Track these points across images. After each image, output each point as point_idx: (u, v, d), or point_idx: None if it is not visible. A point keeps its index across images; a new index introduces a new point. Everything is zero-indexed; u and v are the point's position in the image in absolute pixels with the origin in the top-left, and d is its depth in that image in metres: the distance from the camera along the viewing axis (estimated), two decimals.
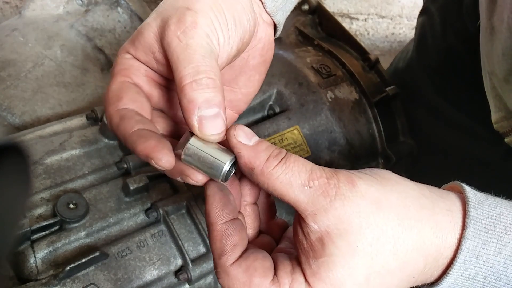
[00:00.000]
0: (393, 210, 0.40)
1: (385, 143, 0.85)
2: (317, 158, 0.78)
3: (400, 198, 0.40)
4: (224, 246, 0.41)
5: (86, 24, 0.89)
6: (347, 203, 0.39)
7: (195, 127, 0.40)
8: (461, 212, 0.41)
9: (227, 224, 0.42)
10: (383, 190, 0.40)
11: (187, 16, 0.42)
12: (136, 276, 0.62)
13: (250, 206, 0.46)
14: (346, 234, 0.39)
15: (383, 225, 0.39)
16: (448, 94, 0.87)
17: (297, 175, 0.39)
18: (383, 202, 0.40)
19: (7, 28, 0.88)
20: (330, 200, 0.39)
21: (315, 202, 0.39)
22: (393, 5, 1.88)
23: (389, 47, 1.84)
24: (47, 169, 0.66)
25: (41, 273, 0.59)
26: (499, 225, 0.40)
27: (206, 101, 0.40)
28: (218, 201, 0.42)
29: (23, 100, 0.79)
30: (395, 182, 0.42)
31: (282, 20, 0.54)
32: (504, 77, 0.63)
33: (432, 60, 0.91)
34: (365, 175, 0.41)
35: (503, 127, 0.67)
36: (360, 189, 0.40)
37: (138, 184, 0.66)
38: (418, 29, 0.95)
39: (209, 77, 0.41)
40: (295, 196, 0.40)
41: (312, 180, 0.39)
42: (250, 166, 0.41)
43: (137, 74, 0.45)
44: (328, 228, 0.39)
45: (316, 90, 0.82)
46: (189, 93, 0.40)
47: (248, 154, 0.41)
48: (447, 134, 0.88)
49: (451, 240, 0.41)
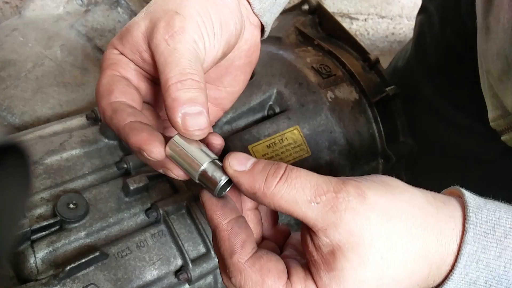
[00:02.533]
0: (402, 220, 0.40)
1: (385, 143, 0.85)
2: (317, 158, 0.78)
3: (408, 207, 0.40)
4: (234, 245, 0.41)
5: (86, 24, 0.89)
6: (358, 217, 0.39)
7: (179, 123, 0.41)
8: (461, 217, 0.41)
9: (231, 222, 0.42)
10: (392, 200, 0.40)
11: (176, 21, 0.44)
12: (136, 276, 0.62)
13: (252, 212, 0.46)
14: (357, 247, 0.39)
15: (393, 236, 0.39)
16: (447, 92, 0.88)
17: (302, 191, 0.39)
18: (393, 213, 0.40)
19: (7, 28, 0.88)
20: (340, 215, 0.39)
21: (324, 217, 0.39)
22: (393, 5, 1.88)
23: (389, 47, 1.84)
24: (47, 169, 0.66)
25: (41, 273, 0.59)
26: (498, 229, 0.40)
27: (190, 100, 0.41)
28: (216, 203, 0.42)
29: (23, 100, 0.79)
30: (402, 190, 0.41)
31: (269, 21, 0.55)
32: (498, 76, 0.63)
33: (430, 59, 0.91)
34: (374, 184, 0.41)
35: (499, 125, 0.68)
36: (370, 201, 0.39)
37: (138, 184, 0.66)
38: (417, 27, 0.96)
39: (193, 79, 0.42)
40: (302, 213, 0.39)
41: (319, 196, 0.39)
42: (252, 192, 0.41)
43: (126, 68, 0.47)
44: (340, 242, 0.39)
45: (316, 90, 0.82)
46: (174, 92, 0.41)
47: (247, 180, 0.41)
48: (445, 132, 0.88)
49: (453, 246, 0.41)
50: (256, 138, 0.76)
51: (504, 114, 0.66)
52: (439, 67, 0.89)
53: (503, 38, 0.61)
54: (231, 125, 0.78)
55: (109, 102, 0.44)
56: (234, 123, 0.78)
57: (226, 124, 0.77)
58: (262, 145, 0.76)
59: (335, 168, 0.80)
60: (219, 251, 0.42)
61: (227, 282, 0.43)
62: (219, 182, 0.42)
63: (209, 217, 0.43)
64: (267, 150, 0.76)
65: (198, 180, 0.43)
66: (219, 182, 0.42)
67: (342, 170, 0.80)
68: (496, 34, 0.63)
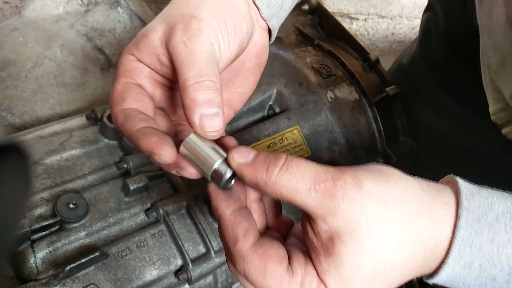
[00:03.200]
0: (397, 207, 0.41)
1: (385, 143, 0.85)
2: (317, 158, 0.78)
3: (403, 195, 0.42)
4: (236, 233, 0.43)
5: (86, 24, 0.89)
6: (355, 204, 0.40)
7: (196, 123, 0.43)
8: (455, 204, 0.43)
9: (235, 213, 0.44)
10: (387, 187, 0.42)
11: (193, 24, 0.46)
12: (136, 276, 0.62)
13: (256, 203, 0.48)
14: (354, 233, 0.40)
15: (389, 223, 0.41)
16: (450, 87, 0.88)
17: (301, 180, 0.41)
18: (388, 200, 0.41)
19: (7, 28, 0.88)
20: (337, 202, 0.40)
21: (323, 205, 0.40)
22: (393, 5, 1.88)
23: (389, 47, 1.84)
24: (47, 169, 0.66)
25: (41, 273, 0.59)
26: (490, 214, 0.42)
27: (207, 101, 0.43)
28: (221, 194, 0.45)
29: (23, 100, 0.79)
30: (398, 178, 0.43)
31: (276, 26, 0.58)
32: (497, 69, 0.65)
33: (434, 54, 0.91)
34: (370, 172, 0.42)
35: (500, 118, 0.69)
36: (366, 189, 0.41)
37: (138, 184, 0.66)
38: (423, 25, 0.96)
39: (210, 80, 0.44)
40: (302, 201, 0.41)
41: (318, 184, 0.40)
42: (254, 182, 0.42)
43: (140, 76, 0.48)
44: (338, 228, 0.40)
45: (316, 90, 0.82)
46: (192, 93, 0.43)
47: (249, 171, 0.43)
48: (448, 127, 0.89)
49: (447, 232, 0.42)
50: (256, 138, 0.76)
51: (504, 107, 0.67)
52: (443, 62, 0.90)
53: (497, 32, 0.63)
54: (231, 125, 0.78)
55: (122, 109, 0.46)
56: (234, 123, 0.78)
57: (226, 124, 0.78)
58: (262, 145, 0.76)
59: None
60: (224, 239, 0.44)
61: (233, 270, 0.45)
62: (224, 175, 0.44)
63: (214, 207, 0.45)
64: (267, 150, 0.76)
65: (210, 178, 0.45)
66: (224, 175, 0.44)
67: None
68: (489, 29, 0.65)
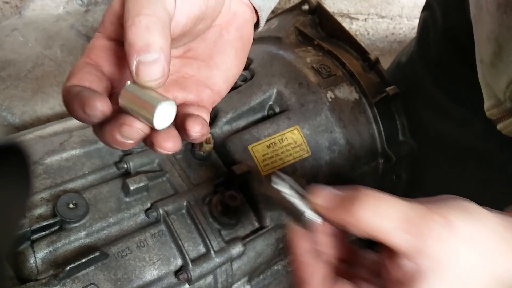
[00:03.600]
0: (484, 247, 0.41)
1: (385, 143, 0.85)
2: (317, 158, 0.79)
3: (491, 235, 0.42)
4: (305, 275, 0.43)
5: (86, 24, 0.89)
6: (446, 246, 0.40)
7: (133, 72, 0.40)
8: None
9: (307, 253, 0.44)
10: (476, 226, 0.41)
11: None
12: (136, 276, 0.62)
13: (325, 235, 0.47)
14: (441, 273, 0.40)
15: (476, 263, 0.40)
16: (446, 85, 0.88)
17: (388, 219, 0.40)
18: (477, 241, 0.41)
19: (7, 28, 0.88)
20: (427, 243, 0.39)
21: (412, 245, 0.40)
22: (393, 5, 1.88)
23: (389, 47, 1.84)
24: (47, 169, 0.66)
25: (41, 273, 0.59)
26: None
27: (145, 46, 0.39)
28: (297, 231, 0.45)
29: (23, 100, 0.79)
30: (480, 213, 0.43)
31: (262, 6, 0.54)
32: (491, 61, 0.64)
33: (432, 52, 0.91)
34: (457, 210, 0.42)
35: (493, 114, 0.69)
36: (456, 230, 0.40)
37: (138, 184, 0.66)
38: (420, 24, 0.97)
39: (150, 20, 0.39)
40: (387, 240, 0.40)
41: (406, 224, 0.40)
42: (338, 224, 0.42)
43: (98, 54, 0.44)
44: (425, 267, 0.40)
45: (316, 90, 0.82)
46: (129, 36, 0.39)
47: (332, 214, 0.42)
48: (445, 125, 0.89)
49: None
50: (256, 138, 0.76)
51: (497, 103, 0.67)
52: (441, 60, 0.90)
53: (490, 21, 0.62)
54: (231, 125, 0.78)
55: (65, 87, 0.42)
56: (234, 123, 0.78)
57: (226, 124, 0.77)
58: (262, 145, 0.76)
59: (335, 168, 0.80)
60: (295, 276, 0.44)
61: None
62: (304, 215, 0.43)
63: (289, 243, 0.45)
64: (267, 150, 0.76)
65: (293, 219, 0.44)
66: (304, 215, 0.43)
67: (342, 170, 0.80)
68: (482, 21, 0.65)
